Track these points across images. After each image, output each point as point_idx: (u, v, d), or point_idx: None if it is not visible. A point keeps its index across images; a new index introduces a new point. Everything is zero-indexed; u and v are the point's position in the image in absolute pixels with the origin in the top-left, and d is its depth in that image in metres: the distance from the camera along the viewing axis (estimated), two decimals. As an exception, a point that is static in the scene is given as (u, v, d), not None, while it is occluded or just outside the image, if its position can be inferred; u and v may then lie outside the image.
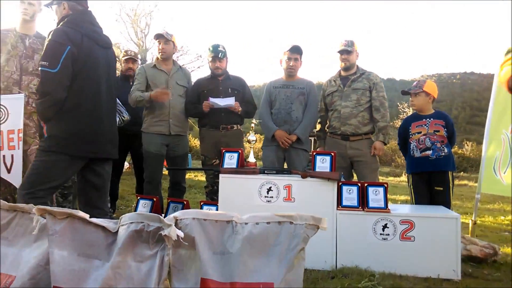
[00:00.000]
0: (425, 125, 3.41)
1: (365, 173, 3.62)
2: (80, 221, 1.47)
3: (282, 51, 3.83)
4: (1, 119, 3.03)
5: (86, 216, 1.48)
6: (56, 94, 2.39)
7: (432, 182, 3.37)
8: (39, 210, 1.48)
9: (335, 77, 3.81)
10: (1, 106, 3.02)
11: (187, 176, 4.97)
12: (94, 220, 1.48)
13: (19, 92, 3.09)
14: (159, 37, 3.83)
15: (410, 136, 3.47)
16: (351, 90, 3.65)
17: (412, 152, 3.44)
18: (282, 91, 3.78)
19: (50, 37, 2.43)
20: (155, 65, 3.88)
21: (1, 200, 1.71)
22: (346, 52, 3.68)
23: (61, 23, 2.50)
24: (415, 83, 3.58)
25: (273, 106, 3.80)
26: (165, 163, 4.19)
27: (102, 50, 2.60)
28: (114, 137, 2.73)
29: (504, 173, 3.50)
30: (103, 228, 1.47)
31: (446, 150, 3.33)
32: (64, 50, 2.38)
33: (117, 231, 1.47)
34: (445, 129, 3.37)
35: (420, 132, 3.41)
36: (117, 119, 3.84)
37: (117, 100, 3.93)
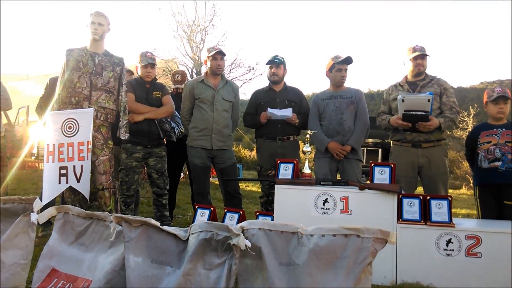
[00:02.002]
0: (496, 135, 3.23)
1: (435, 183, 3.43)
2: (154, 229, 1.55)
3: (328, 63, 3.74)
4: (73, 131, 3.24)
5: (158, 224, 1.56)
6: None
7: (502, 195, 3.18)
8: (116, 218, 1.58)
9: (402, 83, 3.65)
10: (73, 120, 3.24)
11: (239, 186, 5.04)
12: (166, 228, 1.56)
13: (89, 107, 3.30)
14: (219, 53, 3.88)
15: (479, 146, 3.31)
16: None
17: (480, 162, 3.27)
18: (331, 102, 3.72)
19: None
20: (203, 80, 3.93)
21: (79, 208, 1.84)
22: (422, 57, 3.53)
23: None
24: (499, 88, 3.33)
25: (322, 119, 3.76)
26: (213, 172, 4.24)
27: None
28: None
29: None
30: (174, 236, 1.55)
31: None
32: None
33: (187, 239, 1.53)
34: None
35: (490, 142, 3.24)
36: (176, 131, 4.03)
37: (176, 112, 4.13)
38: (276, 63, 3.92)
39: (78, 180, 3.28)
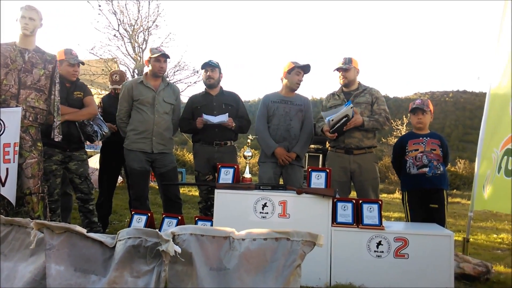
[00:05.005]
0: (422, 143, 3.46)
1: (366, 187, 3.61)
2: (78, 236, 1.48)
3: (288, 65, 3.72)
4: (-2, 132, 3.02)
5: (84, 231, 1.49)
6: None
7: (428, 199, 3.40)
8: (37, 225, 1.48)
9: (339, 92, 3.82)
10: (-2, 119, 3.02)
11: (180, 191, 4.94)
12: (91, 235, 1.49)
13: (17, 106, 3.09)
14: (163, 56, 3.76)
15: (407, 153, 3.51)
16: (355, 104, 3.64)
17: (408, 169, 3.47)
18: (281, 107, 3.74)
19: None
20: (142, 81, 3.80)
21: (-2, 214, 1.71)
22: (343, 69, 3.72)
23: None
24: (418, 100, 3.60)
25: (270, 121, 3.77)
26: (153, 177, 4.11)
27: None
28: None
29: (488, 189, 3.50)
30: (101, 243, 1.48)
31: (441, 169, 3.39)
32: None
33: (115, 246, 1.47)
34: (441, 149, 3.43)
35: (417, 150, 3.45)
36: (98, 134, 3.82)
37: (98, 114, 3.92)
38: (211, 66, 3.90)
39: (3, 184, 3.06)
